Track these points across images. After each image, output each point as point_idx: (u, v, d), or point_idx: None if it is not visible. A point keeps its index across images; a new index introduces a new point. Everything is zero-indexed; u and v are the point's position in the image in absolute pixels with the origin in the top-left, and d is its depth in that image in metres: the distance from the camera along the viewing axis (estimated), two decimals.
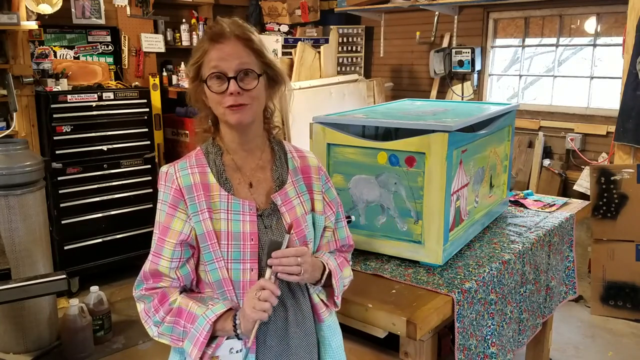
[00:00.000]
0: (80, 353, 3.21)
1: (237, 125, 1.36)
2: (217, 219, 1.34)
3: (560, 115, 4.49)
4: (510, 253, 2.04)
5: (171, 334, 1.33)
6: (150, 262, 1.37)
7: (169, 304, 1.33)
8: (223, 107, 1.32)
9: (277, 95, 1.44)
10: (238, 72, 1.30)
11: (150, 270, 1.36)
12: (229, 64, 1.30)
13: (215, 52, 1.31)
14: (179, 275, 1.36)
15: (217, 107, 1.34)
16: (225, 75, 1.30)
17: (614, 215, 3.67)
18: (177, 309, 1.32)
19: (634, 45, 3.61)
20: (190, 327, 1.30)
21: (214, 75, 1.31)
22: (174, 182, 1.36)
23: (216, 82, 1.31)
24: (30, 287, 2.12)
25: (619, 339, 3.42)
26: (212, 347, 1.31)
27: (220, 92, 1.31)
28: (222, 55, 1.31)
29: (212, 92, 1.32)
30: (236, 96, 1.30)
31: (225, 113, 1.33)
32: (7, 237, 3.04)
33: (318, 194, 1.48)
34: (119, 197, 4.14)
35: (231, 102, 1.31)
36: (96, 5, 4.39)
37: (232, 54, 1.31)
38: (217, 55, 1.31)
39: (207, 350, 1.31)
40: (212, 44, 1.32)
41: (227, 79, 1.30)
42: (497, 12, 4.80)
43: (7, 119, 3.87)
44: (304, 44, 4.80)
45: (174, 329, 1.32)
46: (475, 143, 2.10)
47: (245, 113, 1.33)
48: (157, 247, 1.36)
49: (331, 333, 1.50)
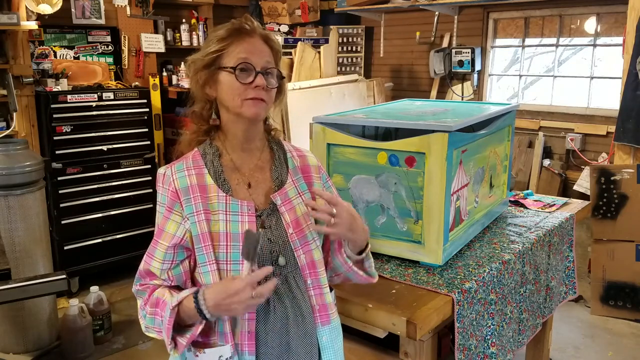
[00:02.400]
0: (80, 353, 3.21)
1: (251, 119, 1.37)
2: (215, 220, 1.34)
3: (560, 115, 4.50)
4: (510, 253, 2.04)
5: (154, 326, 1.34)
6: (144, 262, 1.38)
7: (151, 297, 1.34)
8: (242, 98, 1.33)
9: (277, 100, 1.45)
10: (265, 68, 1.34)
11: (144, 270, 1.38)
12: (258, 59, 1.34)
13: (244, 45, 1.34)
14: (170, 275, 1.36)
15: (234, 98, 1.34)
16: (254, 68, 1.33)
17: (614, 215, 3.67)
18: (156, 299, 1.33)
19: (634, 45, 3.61)
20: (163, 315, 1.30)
21: (242, 65, 1.33)
22: (170, 184, 1.36)
23: (243, 73, 1.33)
24: (30, 287, 2.12)
25: (619, 339, 3.42)
26: (187, 337, 1.29)
27: (246, 83, 1.33)
28: (252, 50, 1.34)
29: (236, 82, 1.33)
30: (261, 90, 1.33)
31: (244, 105, 1.34)
32: (7, 237, 3.04)
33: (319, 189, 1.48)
34: (118, 197, 4.14)
35: (254, 95, 1.33)
36: (96, 5, 4.40)
37: (261, 51, 1.35)
38: (246, 48, 1.34)
39: (182, 340, 1.30)
40: (240, 36, 1.35)
41: (255, 72, 1.33)
42: (497, 12, 4.80)
43: (7, 119, 3.88)
44: (304, 44, 4.80)
45: (154, 320, 1.33)
46: (475, 143, 2.10)
47: (262, 108, 1.36)
48: (151, 248, 1.38)
49: (335, 335, 1.47)
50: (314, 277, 1.42)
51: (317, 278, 1.42)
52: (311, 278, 1.41)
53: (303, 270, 1.40)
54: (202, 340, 1.35)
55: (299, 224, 1.40)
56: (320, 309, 1.43)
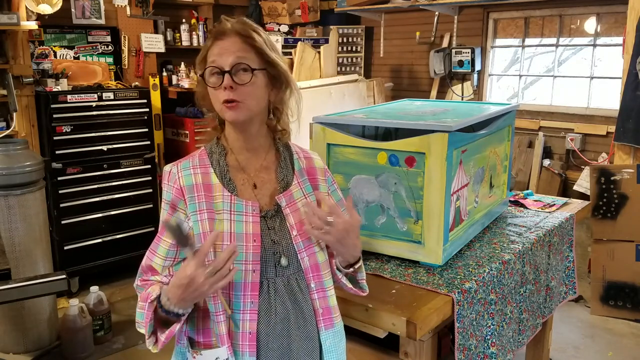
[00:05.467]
0: (80, 353, 3.21)
1: (233, 123, 1.36)
2: (219, 219, 1.33)
3: (560, 116, 4.50)
4: (510, 253, 2.04)
5: (142, 321, 1.32)
6: (146, 258, 1.39)
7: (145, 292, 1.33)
8: (220, 103, 1.33)
9: (282, 96, 1.42)
10: (233, 66, 1.30)
11: (146, 265, 1.39)
12: (225, 59, 1.31)
13: (215, 48, 1.33)
14: (171, 271, 1.37)
15: (216, 104, 1.34)
16: (221, 70, 1.31)
17: (614, 215, 3.67)
18: (147, 294, 1.32)
19: (634, 45, 3.61)
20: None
21: (211, 69, 1.32)
22: (175, 181, 1.37)
23: (213, 77, 1.32)
24: (30, 287, 2.12)
25: (619, 339, 3.42)
26: (166, 333, 1.28)
27: (216, 86, 1.31)
28: (220, 51, 1.32)
29: (209, 87, 1.33)
30: (229, 90, 1.30)
31: (222, 109, 1.33)
32: (7, 237, 3.04)
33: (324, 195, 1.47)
34: (119, 197, 4.14)
35: (225, 97, 1.31)
36: (96, 5, 4.39)
37: (229, 49, 1.31)
38: (216, 51, 1.32)
39: (160, 337, 1.29)
40: (214, 41, 1.34)
41: (222, 73, 1.30)
42: (497, 12, 4.80)
43: (7, 119, 3.87)
44: (304, 44, 4.81)
45: (143, 314, 1.32)
46: (475, 143, 2.10)
47: (239, 110, 1.32)
48: (153, 244, 1.38)
49: (338, 339, 1.47)
50: (317, 280, 1.41)
51: (321, 281, 1.41)
52: (314, 281, 1.40)
53: (306, 273, 1.40)
54: (203, 341, 1.35)
55: (303, 226, 1.39)
56: (323, 312, 1.42)
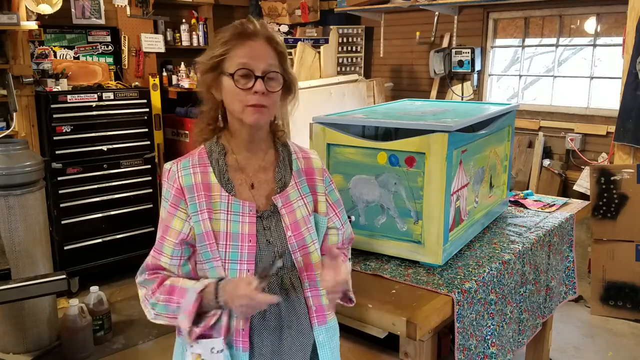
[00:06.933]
0: (80, 353, 3.21)
1: (252, 126, 1.36)
2: (216, 219, 1.35)
3: (560, 116, 4.50)
4: (510, 253, 2.04)
5: (166, 313, 1.34)
6: (152, 257, 1.39)
7: (163, 286, 1.35)
8: (243, 104, 1.32)
9: (286, 102, 1.44)
10: (266, 73, 1.31)
11: (152, 264, 1.39)
12: (258, 63, 1.30)
13: (245, 49, 1.31)
14: (179, 272, 1.38)
15: (236, 104, 1.33)
16: (253, 74, 1.30)
17: (614, 215, 3.67)
18: (170, 287, 1.34)
19: (634, 45, 3.61)
20: (182, 301, 1.31)
21: (242, 72, 1.30)
22: (175, 181, 1.37)
23: (242, 78, 1.31)
24: (30, 287, 2.12)
25: (619, 339, 3.42)
26: (200, 327, 1.32)
27: (246, 89, 1.31)
28: (252, 54, 1.31)
29: (236, 88, 1.31)
30: (260, 96, 1.30)
31: (245, 111, 1.32)
32: (7, 237, 3.04)
33: (321, 195, 1.49)
34: (119, 197, 4.14)
35: (254, 102, 1.31)
36: (96, 5, 4.40)
37: (262, 54, 1.32)
38: (246, 52, 1.31)
39: (195, 328, 1.32)
40: (242, 39, 1.32)
41: (254, 77, 1.30)
42: (497, 12, 4.80)
43: (7, 119, 3.88)
44: (303, 44, 4.81)
45: (168, 307, 1.33)
46: (475, 143, 2.10)
47: (263, 115, 1.34)
48: (158, 244, 1.38)
49: (332, 334, 1.50)
50: (311, 279, 1.43)
51: (315, 280, 1.43)
52: (308, 280, 1.43)
53: (300, 273, 1.42)
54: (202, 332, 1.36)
55: (298, 227, 1.41)
56: (317, 309, 1.45)
